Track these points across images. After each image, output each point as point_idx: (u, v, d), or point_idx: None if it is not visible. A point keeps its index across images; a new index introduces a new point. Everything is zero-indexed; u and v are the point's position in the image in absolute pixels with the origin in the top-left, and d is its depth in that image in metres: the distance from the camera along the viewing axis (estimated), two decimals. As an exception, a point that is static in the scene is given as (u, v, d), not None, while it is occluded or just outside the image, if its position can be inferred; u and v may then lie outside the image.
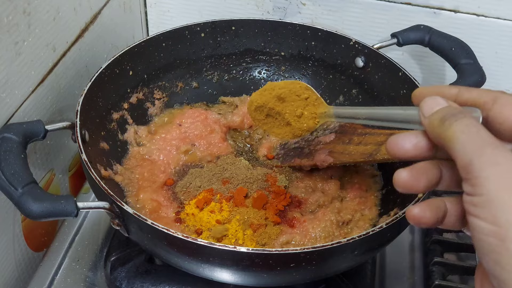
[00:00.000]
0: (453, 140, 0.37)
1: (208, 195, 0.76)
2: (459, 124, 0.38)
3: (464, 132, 0.37)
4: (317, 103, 0.69)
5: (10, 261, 0.74)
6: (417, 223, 0.41)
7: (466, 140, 0.37)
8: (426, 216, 0.41)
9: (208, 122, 0.87)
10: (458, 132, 0.37)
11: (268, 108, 0.72)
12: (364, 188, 0.79)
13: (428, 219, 0.41)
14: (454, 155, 0.38)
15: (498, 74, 0.93)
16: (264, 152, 0.86)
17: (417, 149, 0.42)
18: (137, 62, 0.83)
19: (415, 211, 0.41)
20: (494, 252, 0.35)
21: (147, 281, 0.73)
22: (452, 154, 0.38)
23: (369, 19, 0.93)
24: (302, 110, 0.70)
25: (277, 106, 0.71)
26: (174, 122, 0.87)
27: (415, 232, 0.85)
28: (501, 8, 0.87)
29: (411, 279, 0.79)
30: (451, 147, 0.38)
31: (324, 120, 0.70)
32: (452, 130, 0.38)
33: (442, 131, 0.39)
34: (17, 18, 0.65)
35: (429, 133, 0.41)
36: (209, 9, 0.99)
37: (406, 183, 0.41)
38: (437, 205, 0.42)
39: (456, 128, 0.38)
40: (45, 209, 0.57)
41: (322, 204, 0.77)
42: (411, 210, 0.41)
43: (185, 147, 0.83)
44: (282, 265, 0.58)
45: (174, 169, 0.82)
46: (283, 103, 0.71)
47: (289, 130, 0.73)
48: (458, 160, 0.37)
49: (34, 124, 0.66)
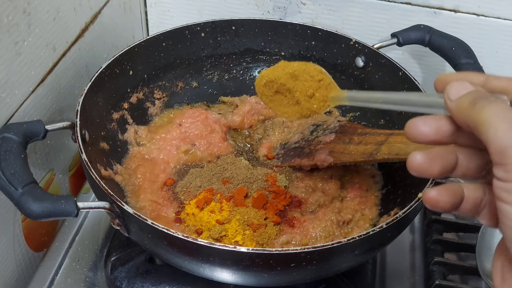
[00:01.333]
0: (487, 124, 0.36)
1: (208, 195, 0.76)
2: (493, 107, 0.36)
3: (499, 116, 0.36)
4: (330, 87, 0.66)
5: (10, 261, 0.74)
6: (434, 206, 0.40)
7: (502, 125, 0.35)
8: (443, 200, 0.40)
9: (208, 122, 0.87)
10: (492, 116, 0.36)
11: (279, 84, 0.68)
12: (364, 188, 0.79)
13: (445, 203, 0.40)
14: (487, 139, 0.36)
15: (498, 74, 0.92)
16: (264, 152, 0.86)
17: (438, 133, 0.40)
18: (137, 62, 0.83)
19: (432, 193, 0.40)
20: None
21: (147, 281, 0.73)
22: (484, 138, 0.36)
23: (369, 19, 0.93)
24: (314, 91, 0.67)
25: (288, 82, 0.68)
26: (174, 122, 0.87)
27: (415, 232, 0.85)
28: (501, 8, 0.87)
29: (411, 279, 0.79)
30: (483, 130, 0.36)
31: (335, 103, 0.66)
32: (485, 113, 0.36)
33: (473, 114, 0.37)
34: (17, 18, 0.65)
35: (456, 116, 0.39)
36: (209, 9, 0.99)
37: (420, 166, 0.39)
38: (455, 189, 0.40)
39: (489, 112, 0.36)
40: (45, 209, 0.57)
41: (322, 204, 0.77)
42: (428, 193, 0.40)
43: (185, 147, 0.83)
44: (282, 265, 0.58)
45: (174, 169, 0.82)
46: (295, 81, 0.67)
47: (297, 109, 0.69)
48: (492, 145, 0.35)
49: (34, 124, 0.66)
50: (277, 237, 0.71)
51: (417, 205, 0.62)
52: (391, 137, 0.72)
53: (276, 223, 0.73)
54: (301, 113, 0.68)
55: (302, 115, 0.69)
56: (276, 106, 0.71)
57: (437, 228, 0.83)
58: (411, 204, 0.62)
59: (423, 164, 0.40)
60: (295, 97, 0.67)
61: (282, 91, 0.68)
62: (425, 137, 0.40)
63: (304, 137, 0.84)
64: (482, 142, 0.37)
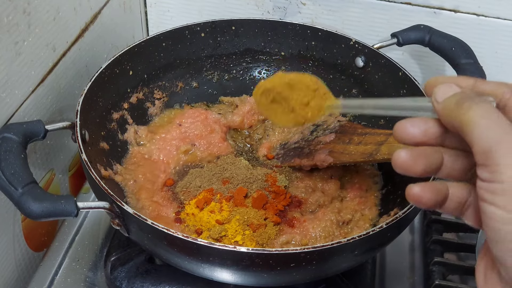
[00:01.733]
0: (472, 124, 0.36)
1: (208, 195, 0.76)
2: (479, 108, 0.36)
3: (484, 117, 0.36)
4: (325, 97, 0.68)
5: (10, 261, 0.74)
6: (416, 201, 0.40)
7: (487, 126, 0.35)
8: (426, 197, 0.40)
9: (208, 122, 0.87)
10: (478, 117, 0.36)
11: (276, 92, 0.70)
12: (364, 188, 0.79)
13: (428, 200, 0.40)
14: (472, 139, 0.36)
15: (498, 74, 0.93)
16: (264, 152, 0.86)
17: (426, 135, 0.41)
18: (137, 62, 0.83)
19: (415, 189, 0.40)
20: (510, 241, 0.34)
21: (147, 281, 0.73)
22: (469, 139, 0.36)
23: (369, 19, 0.93)
24: (309, 100, 0.69)
25: (284, 91, 0.69)
26: (174, 122, 0.87)
27: (415, 232, 0.85)
28: (501, 8, 0.87)
29: (411, 279, 0.79)
30: (468, 131, 0.36)
31: (329, 111, 0.68)
32: (470, 114, 0.36)
33: (459, 114, 0.37)
34: (17, 18, 0.65)
35: (443, 117, 0.39)
36: (209, 9, 0.99)
37: (404, 163, 0.40)
38: (439, 188, 0.41)
39: (475, 113, 0.36)
40: (45, 209, 0.57)
41: (322, 204, 0.77)
42: (411, 188, 0.40)
43: (185, 147, 0.83)
44: (282, 265, 0.58)
45: (174, 169, 0.82)
46: (291, 89, 0.69)
47: (292, 117, 0.70)
48: (476, 145, 0.36)
49: (34, 124, 0.66)
50: (277, 237, 0.71)
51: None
52: (391, 137, 0.72)
53: (276, 223, 0.73)
54: (296, 120, 0.70)
55: (297, 123, 0.70)
56: (271, 114, 0.72)
57: (437, 228, 0.83)
58: (411, 204, 0.62)
59: (407, 161, 0.40)
60: (291, 105, 0.69)
61: (278, 99, 0.70)
62: (413, 138, 0.41)
63: (304, 137, 0.84)
64: (468, 143, 0.37)
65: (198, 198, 0.76)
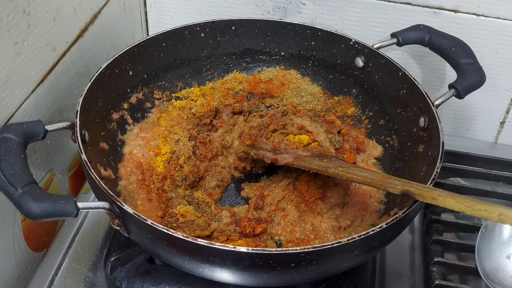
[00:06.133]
0: None
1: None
2: None
3: None
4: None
5: (10, 261, 0.74)
6: None
7: None
8: None
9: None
10: None
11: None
12: (368, 194, 0.78)
13: None
14: None
15: (498, 74, 0.93)
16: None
17: None
18: (137, 62, 0.83)
19: None
20: None
21: (147, 281, 0.73)
22: None
23: (369, 19, 0.93)
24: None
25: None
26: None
27: (415, 232, 0.85)
28: (501, 8, 0.87)
29: (411, 279, 0.79)
30: None
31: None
32: None
33: None
34: (17, 18, 0.65)
35: None
36: (209, 9, 0.99)
37: None
38: None
39: None
40: (45, 209, 0.57)
41: (320, 211, 0.76)
42: None
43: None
44: (282, 265, 0.58)
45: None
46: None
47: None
48: None
49: (34, 124, 0.66)
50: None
51: (416, 205, 0.62)
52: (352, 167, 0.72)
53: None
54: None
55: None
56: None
57: (437, 228, 0.83)
58: (411, 204, 0.62)
59: None
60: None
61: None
62: None
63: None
64: None
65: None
